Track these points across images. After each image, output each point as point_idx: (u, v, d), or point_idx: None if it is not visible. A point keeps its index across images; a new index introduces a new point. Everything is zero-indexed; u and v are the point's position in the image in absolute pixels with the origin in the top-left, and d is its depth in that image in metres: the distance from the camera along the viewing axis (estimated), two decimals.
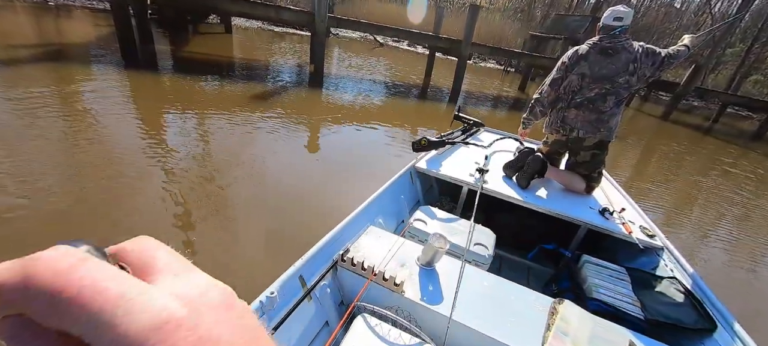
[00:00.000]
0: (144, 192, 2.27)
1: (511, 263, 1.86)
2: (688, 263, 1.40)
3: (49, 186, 2.13)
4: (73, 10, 9.55)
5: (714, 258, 2.98)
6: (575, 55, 1.82)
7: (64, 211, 1.97)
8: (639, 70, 1.69)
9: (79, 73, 4.20)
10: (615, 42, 1.72)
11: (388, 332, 0.93)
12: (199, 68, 5.66)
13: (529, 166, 1.78)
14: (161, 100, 3.99)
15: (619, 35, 1.72)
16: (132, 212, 2.07)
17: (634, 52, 1.69)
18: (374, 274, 1.04)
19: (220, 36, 9.72)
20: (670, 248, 1.52)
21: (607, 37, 1.73)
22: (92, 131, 2.91)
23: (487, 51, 7.43)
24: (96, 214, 2.00)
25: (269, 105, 4.45)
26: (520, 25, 17.98)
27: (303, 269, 1.05)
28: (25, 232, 1.78)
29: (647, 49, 1.71)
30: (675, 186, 4.56)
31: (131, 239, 0.16)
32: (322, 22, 5.40)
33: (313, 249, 1.10)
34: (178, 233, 1.98)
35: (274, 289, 0.92)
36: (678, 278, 1.36)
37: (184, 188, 2.37)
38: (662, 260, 1.50)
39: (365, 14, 18.61)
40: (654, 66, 1.68)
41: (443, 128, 5.05)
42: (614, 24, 1.71)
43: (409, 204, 1.90)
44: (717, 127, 10.82)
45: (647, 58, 1.68)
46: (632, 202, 1.89)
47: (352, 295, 1.10)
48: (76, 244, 0.13)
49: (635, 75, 1.69)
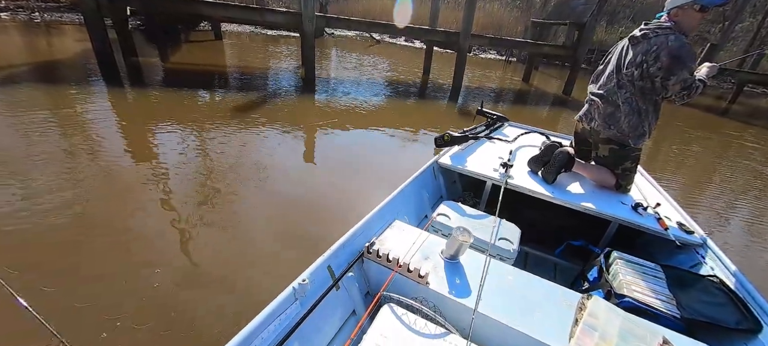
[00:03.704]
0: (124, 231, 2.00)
1: (538, 259, 1.82)
2: (730, 261, 1.32)
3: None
4: (62, 26, 9.35)
5: (757, 256, 2.63)
6: (620, 41, 1.73)
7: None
8: (645, 63, 1.50)
9: (51, 96, 3.95)
10: (646, 28, 1.55)
11: (414, 321, 0.95)
12: (185, 79, 5.38)
13: (556, 160, 1.69)
14: (144, 116, 3.72)
15: (650, 23, 1.55)
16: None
17: (654, 43, 1.49)
18: (399, 266, 1.07)
19: (210, 43, 9.43)
20: (710, 245, 1.43)
21: (646, 23, 1.57)
22: (51, 165, 2.64)
23: (487, 42, 7.04)
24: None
25: (257, 115, 4.16)
26: (519, 13, 17.42)
27: (331, 260, 1.08)
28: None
29: (671, 48, 1.42)
30: (705, 177, 4.16)
31: None
32: (311, 22, 5.08)
33: (339, 241, 1.13)
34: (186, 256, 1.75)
35: (305, 276, 0.96)
36: (719, 276, 1.28)
37: (179, 204, 2.09)
38: (702, 258, 1.42)
39: (362, 11, 18.26)
40: (659, 71, 1.47)
41: (444, 127, 4.77)
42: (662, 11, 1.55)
43: (432, 199, 1.91)
44: (735, 108, 10.26)
45: (665, 58, 1.44)
46: (668, 196, 1.80)
47: (377, 286, 1.12)
48: None
49: (640, 68, 1.52)
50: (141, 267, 1.78)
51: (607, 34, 17.77)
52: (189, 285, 1.74)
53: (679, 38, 1.45)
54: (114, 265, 1.79)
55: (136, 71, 5.36)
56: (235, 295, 1.72)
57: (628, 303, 1.12)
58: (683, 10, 1.48)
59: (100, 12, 4.47)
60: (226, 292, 1.73)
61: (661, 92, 1.53)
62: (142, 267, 1.79)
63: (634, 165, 1.71)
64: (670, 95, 1.51)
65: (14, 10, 9.51)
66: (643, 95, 1.57)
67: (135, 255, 1.86)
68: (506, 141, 2.27)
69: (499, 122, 2.57)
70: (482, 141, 2.21)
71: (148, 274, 1.75)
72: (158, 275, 1.74)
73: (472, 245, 1.15)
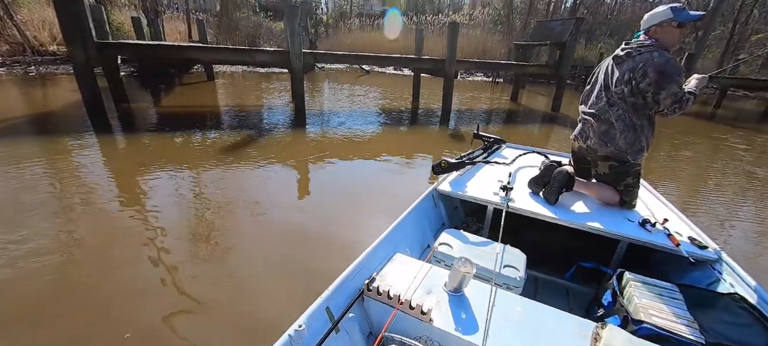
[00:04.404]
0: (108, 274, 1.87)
1: (549, 284, 1.74)
2: (750, 277, 1.25)
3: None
4: (57, 77, 9.51)
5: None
6: (603, 60, 1.79)
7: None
8: (634, 80, 1.52)
9: (40, 147, 3.91)
10: (628, 47, 1.58)
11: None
12: (178, 122, 5.39)
13: (555, 180, 1.66)
14: (134, 161, 3.68)
15: (631, 42, 1.59)
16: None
17: (638, 60, 1.52)
18: (401, 302, 1.02)
19: (203, 84, 9.61)
20: (726, 260, 1.37)
21: (627, 42, 1.62)
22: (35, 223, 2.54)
23: (473, 66, 7.23)
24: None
25: (250, 152, 4.13)
26: (502, 37, 18.17)
27: (329, 301, 1.04)
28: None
29: (657, 64, 1.45)
30: (702, 183, 4.12)
31: None
32: (298, 59, 5.19)
33: (338, 280, 1.09)
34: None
35: (301, 322, 0.92)
36: (740, 293, 1.20)
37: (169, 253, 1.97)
38: (719, 274, 1.35)
39: (350, 44, 18.99)
40: (650, 86, 1.49)
41: (438, 151, 4.77)
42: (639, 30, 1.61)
43: (434, 228, 1.86)
44: (721, 112, 10.48)
45: (652, 74, 1.47)
46: (677, 210, 1.76)
47: (380, 325, 1.08)
48: None
49: (629, 85, 1.54)
50: (132, 310, 1.64)
51: (588, 50, 18.54)
52: (183, 328, 1.61)
53: (662, 54, 1.48)
54: (101, 311, 1.65)
55: (128, 117, 5.38)
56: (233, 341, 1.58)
57: (647, 330, 1.04)
58: (661, 27, 1.52)
59: (89, 63, 4.53)
60: (223, 338, 1.59)
61: (653, 107, 1.54)
62: (134, 310, 1.65)
63: (635, 180, 1.69)
64: (662, 109, 1.52)
65: (10, 65, 9.70)
66: (635, 111, 1.58)
67: (119, 306, 1.73)
68: (505, 163, 2.25)
69: (496, 145, 2.57)
70: (481, 165, 2.18)
71: (142, 316, 1.61)
72: (152, 316, 1.61)
73: (477, 274, 1.11)
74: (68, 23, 4.25)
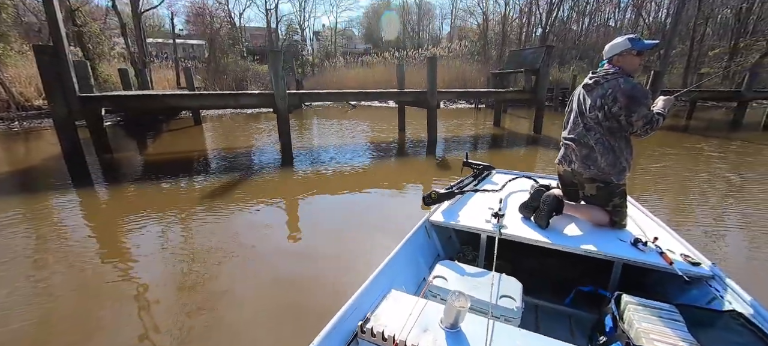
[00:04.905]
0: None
1: (550, 312, 1.68)
2: (745, 292, 1.25)
3: None
4: (40, 130, 9.40)
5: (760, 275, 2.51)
6: (576, 88, 1.87)
7: None
8: (606, 106, 1.61)
9: (18, 204, 3.76)
10: (596, 76, 1.69)
11: None
12: (164, 169, 5.30)
13: (545, 205, 1.67)
14: (115, 213, 3.56)
15: (598, 71, 1.70)
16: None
17: (607, 87, 1.62)
18: (396, 344, 1.01)
19: (191, 129, 9.63)
20: (721, 276, 1.36)
21: (594, 72, 1.73)
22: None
23: (454, 95, 7.50)
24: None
25: (238, 194, 4.05)
26: (480, 66, 19.11)
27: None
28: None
29: (624, 90, 1.55)
30: (683, 194, 4.21)
31: None
32: (283, 100, 5.29)
33: (330, 324, 1.05)
34: None
35: None
36: (739, 310, 1.20)
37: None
38: (715, 291, 1.34)
39: (336, 80, 19.61)
40: (621, 110, 1.58)
41: (427, 180, 4.78)
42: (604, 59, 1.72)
43: (429, 260, 1.82)
44: (693, 123, 10.99)
45: (622, 98, 1.57)
46: (666, 226, 1.75)
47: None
48: None
49: (602, 110, 1.63)
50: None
51: (562, 72, 19.60)
52: None
53: (628, 80, 1.59)
54: None
55: (111, 167, 5.28)
56: None
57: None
58: (622, 56, 1.64)
59: (71, 116, 4.51)
60: None
61: (628, 129, 1.62)
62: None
63: (622, 200, 1.72)
64: (635, 131, 1.61)
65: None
66: (612, 134, 1.66)
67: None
68: (495, 190, 2.24)
69: (486, 171, 2.58)
70: (472, 193, 2.17)
71: None
72: None
73: (473, 307, 1.08)
74: (50, 79, 4.27)
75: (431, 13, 34.06)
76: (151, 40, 21.04)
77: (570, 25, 25.87)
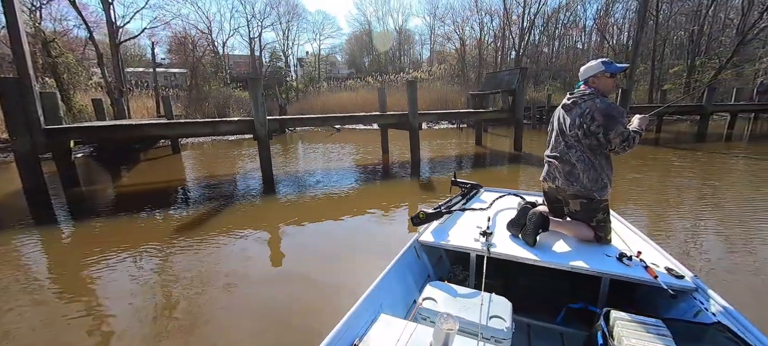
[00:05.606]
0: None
1: (542, 331, 1.66)
2: (729, 304, 1.26)
3: None
4: (9, 164, 8.86)
5: (740, 285, 2.54)
6: (556, 109, 1.93)
7: None
8: (585, 124, 1.69)
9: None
10: (573, 97, 1.78)
11: None
12: (138, 201, 5.04)
13: (530, 222, 1.69)
14: (80, 252, 3.27)
15: (575, 92, 1.79)
16: None
17: (585, 107, 1.69)
18: None
19: (169, 158, 9.33)
20: (704, 288, 1.38)
21: (571, 93, 1.81)
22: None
23: (435, 117, 7.64)
24: None
25: (217, 224, 3.85)
26: (459, 87, 19.80)
27: None
28: None
29: (601, 109, 1.66)
30: (667, 209, 4.33)
31: None
32: (263, 127, 5.22)
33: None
34: None
35: None
36: (724, 322, 1.20)
37: None
38: (700, 304, 1.35)
39: (320, 105, 19.74)
40: (599, 128, 1.66)
41: (413, 201, 4.73)
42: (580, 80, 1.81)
43: (419, 281, 1.78)
44: (663, 136, 11.58)
45: (599, 117, 1.65)
46: (649, 240, 1.77)
47: None
48: None
49: (582, 129, 1.70)
50: None
51: (537, 92, 20.54)
52: None
53: (603, 100, 1.69)
54: None
55: (80, 202, 4.97)
56: None
57: None
58: (597, 78, 1.76)
59: (35, 151, 4.27)
60: None
61: (606, 146, 1.69)
62: None
63: (606, 216, 1.75)
64: (613, 148, 1.68)
65: None
66: (592, 151, 1.72)
67: None
68: (483, 209, 2.24)
69: (474, 190, 2.59)
70: (460, 212, 2.17)
71: None
72: None
73: (462, 329, 1.06)
74: (13, 112, 4.06)
75: (411, 39, 35.42)
76: (131, 69, 20.75)
77: (541, 48, 27.43)
